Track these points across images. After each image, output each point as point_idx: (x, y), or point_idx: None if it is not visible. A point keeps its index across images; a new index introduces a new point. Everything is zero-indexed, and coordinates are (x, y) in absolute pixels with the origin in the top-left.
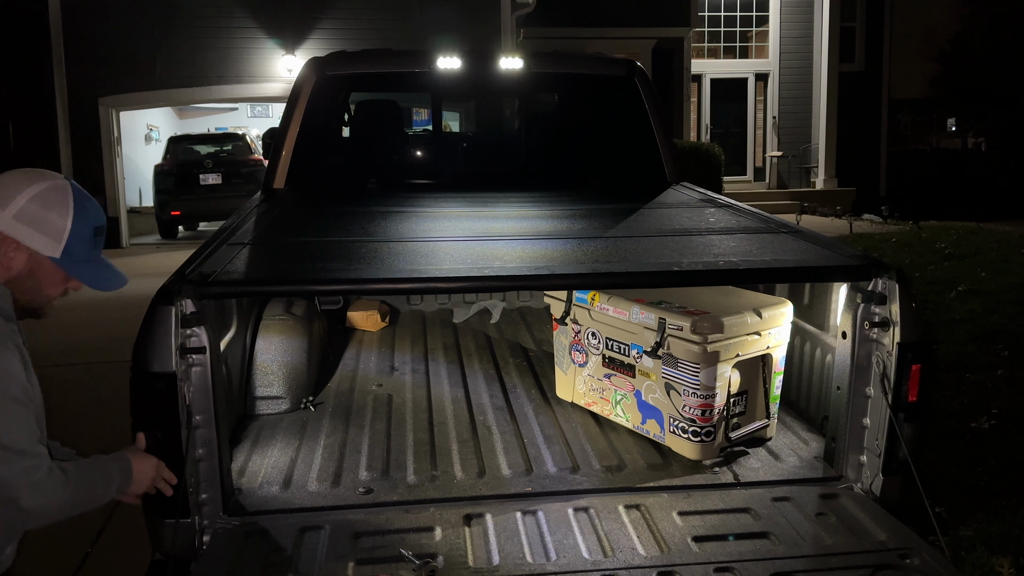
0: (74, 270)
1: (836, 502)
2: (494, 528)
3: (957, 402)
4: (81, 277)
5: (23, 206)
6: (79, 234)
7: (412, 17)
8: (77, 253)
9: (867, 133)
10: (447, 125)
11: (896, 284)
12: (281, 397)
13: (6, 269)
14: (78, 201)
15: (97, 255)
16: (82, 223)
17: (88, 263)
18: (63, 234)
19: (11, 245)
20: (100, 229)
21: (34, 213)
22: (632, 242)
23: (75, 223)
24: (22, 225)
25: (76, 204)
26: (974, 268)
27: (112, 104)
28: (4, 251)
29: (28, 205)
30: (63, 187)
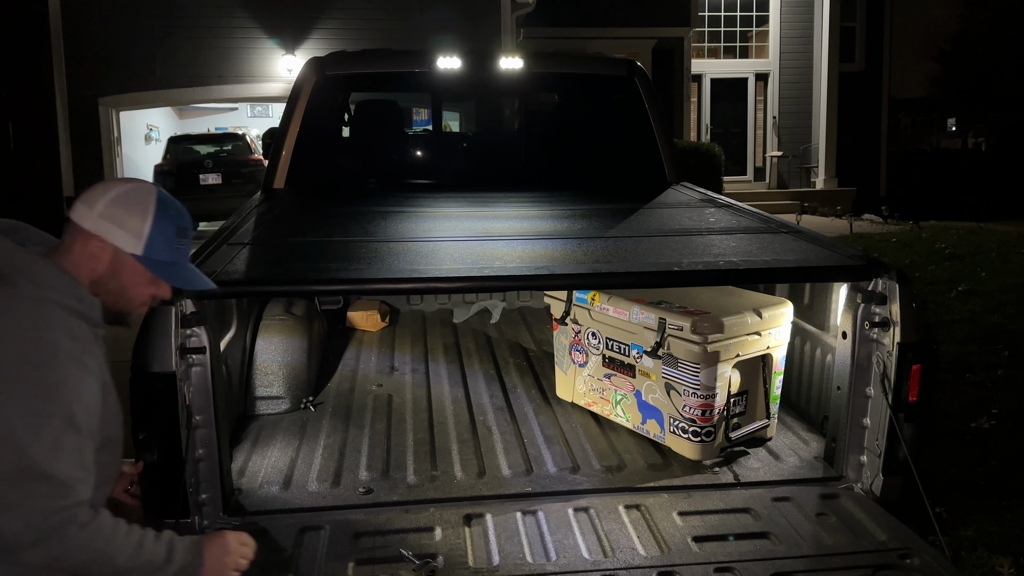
0: (157, 269)
1: (836, 502)
2: (494, 528)
3: (957, 402)
4: (164, 276)
5: (108, 205)
6: (161, 232)
7: (412, 17)
8: (160, 252)
9: (867, 133)
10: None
11: (896, 284)
12: (281, 397)
13: (92, 268)
14: (162, 202)
15: (182, 257)
16: (164, 222)
17: (172, 264)
18: (144, 232)
19: (96, 243)
20: (184, 230)
21: (117, 211)
22: (632, 242)
23: (156, 221)
24: (106, 222)
25: (159, 204)
26: (974, 268)
27: (112, 104)
28: (90, 250)
29: (112, 204)
30: (148, 189)
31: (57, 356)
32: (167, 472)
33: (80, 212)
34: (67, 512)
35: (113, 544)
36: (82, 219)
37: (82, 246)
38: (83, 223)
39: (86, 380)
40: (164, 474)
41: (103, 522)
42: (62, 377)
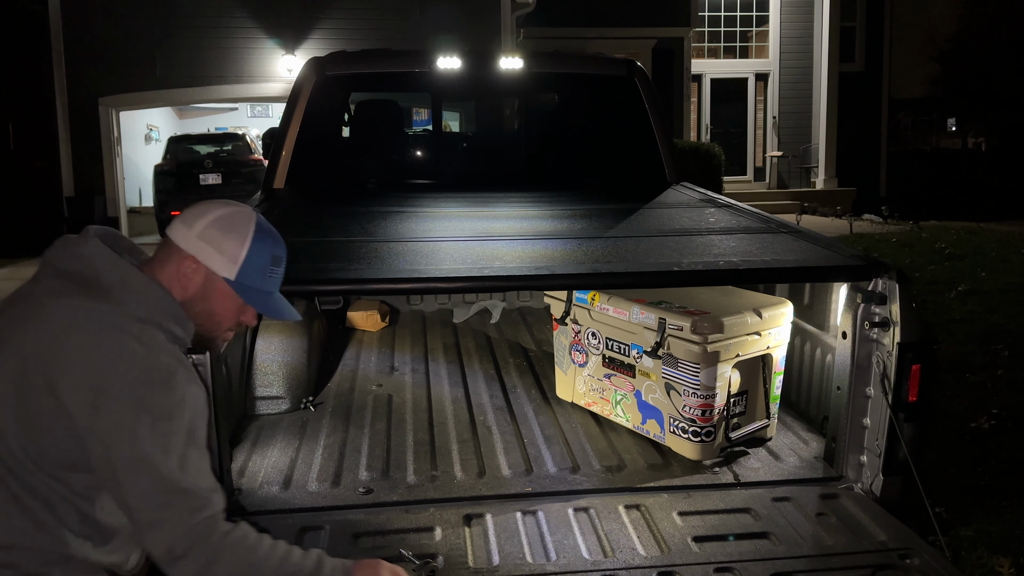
0: (247, 295)
1: (836, 502)
2: (494, 528)
3: (957, 402)
4: (253, 302)
5: (206, 226)
6: (256, 260)
7: (412, 17)
8: (252, 279)
9: (867, 133)
10: (447, 125)
11: (896, 284)
12: (281, 397)
13: (183, 288)
14: (260, 229)
15: (273, 287)
16: (260, 250)
17: (261, 292)
18: (239, 257)
19: (191, 264)
20: (278, 259)
21: (215, 234)
22: (632, 242)
23: (252, 248)
24: (204, 244)
25: (257, 231)
26: (974, 268)
27: (112, 104)
28: (183, 269)
29: (211, 226)
30: (248, 215)
31: (176, 376)
32: None
33: (178, 231)
34: (207, 521)
35: (258, 554)
36: (180, 238)
37: (176, 265)
38: (180, 242)
39: (200, 397)
40: None
41: (245, 532)
42: (182, 396)
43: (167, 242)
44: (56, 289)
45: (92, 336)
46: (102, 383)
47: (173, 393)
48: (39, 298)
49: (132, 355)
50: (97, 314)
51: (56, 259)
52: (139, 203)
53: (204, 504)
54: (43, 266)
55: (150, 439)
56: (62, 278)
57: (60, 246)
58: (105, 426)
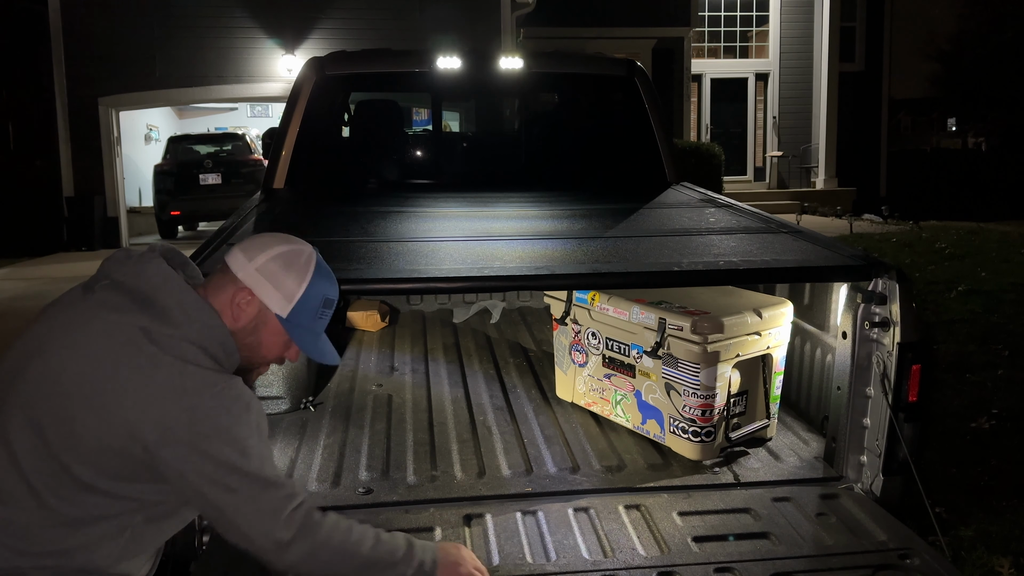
0: (296, 334)
1: (836, 502)
2: (494, 528)
3: (957, 402)
4: (300, 342)
5: (267, 261)
6: (309, 300)
7: (412, 17)
8: (303, 319)
9: (867, 133)
10: (447, 125)
11: (896, 284)
12: (281, 397)
13: (235, 319)
14: (319, 270)
15: (321, 329)
16: (315, 291)
17: (310, 332)
18: (296, 296)
19: (246, 296)
20: (330, 303)
21: (275, 270)
22: (632, 242)
23: (309, 289)
24: (261, 278)
25: (316, 272)
26: (974, 268)
27: (112, 104)
28: (238, 300)
29: (272, 261)
30: (309, 254)
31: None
32: None
33: (237, 261)
34: (304, 507)
35: (354, 534)
36: (238, 268)
37: (231, 295)
38: (239, 273)
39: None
40: None
41: (336, 517)
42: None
43: (224, 269)
44: (113, 303)
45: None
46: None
47: (240, 396)
48: (94, 310)
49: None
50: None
51: (116, 272)
52: (139, 203)
53: (294, 492)
54: (100, 276)
55: (223, 443)
56: (120, 292)
57: (122, 259)
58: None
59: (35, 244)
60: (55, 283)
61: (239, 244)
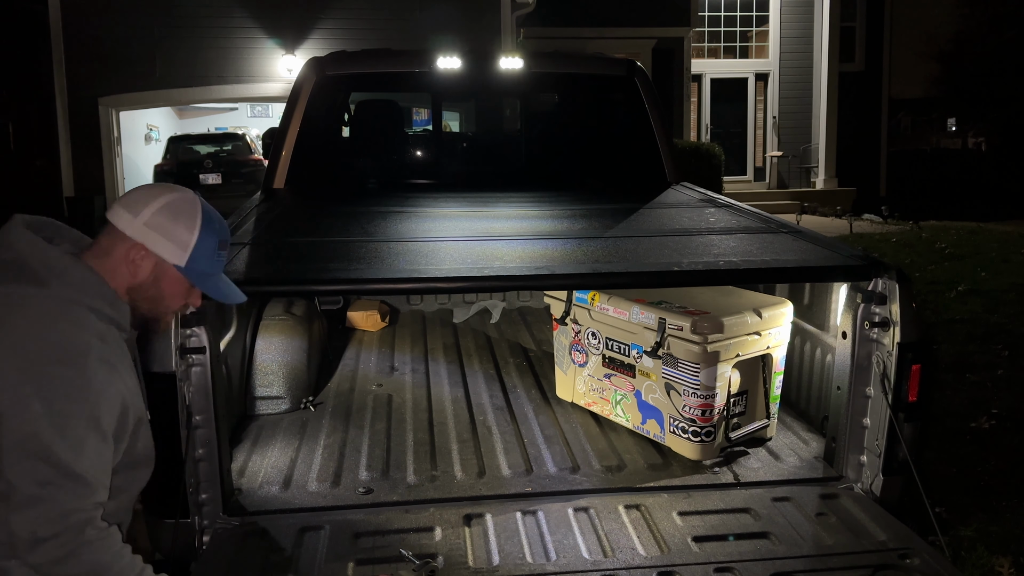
0: (197, 280)
1: (836, 502)
2: (494, 528)
3: (957, 402)
4: (204, 287)
5: (153, 214)
6: (204, 246)
7: (412, 17)
8: (201, 265)
9: (867, 133)
10: (447, 125)
11: (896, 284)
12: (281, 397)
13: (132, 275)
14: (206, 214)
15: (219, 269)
16: (208, 235)
17: (210, 276)
18: (189, 244)
19: (139, 251)
20: (224, 243)
21: (163, 222)
22: (632, 242)
23: (201, 234)
24: (151, 232)
25: (204, 217)
26: (974, 268)
27: (112, 104)
28: (132, 257)
29: (158, 214)
30: (192, 200)
31: (87, 357)
32: (167, 472)
33: (122, 218)
34: (87, 512)
35: (119, 564)
36: (125, 226)
37: (123, 253)
38: (126, 230)
39: (114, 383)
40: (164, 474)
41: (116, 537)
42: (90, 378)
43: (110, 228)
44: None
45: (12, 319)
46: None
47: (79, 375)
48: None
49: (44, 332)
50: (22, 299)
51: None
52: None
53: (90, 493)
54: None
55: (47, 417)
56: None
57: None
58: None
59: None
60: None
61: (120, 200)
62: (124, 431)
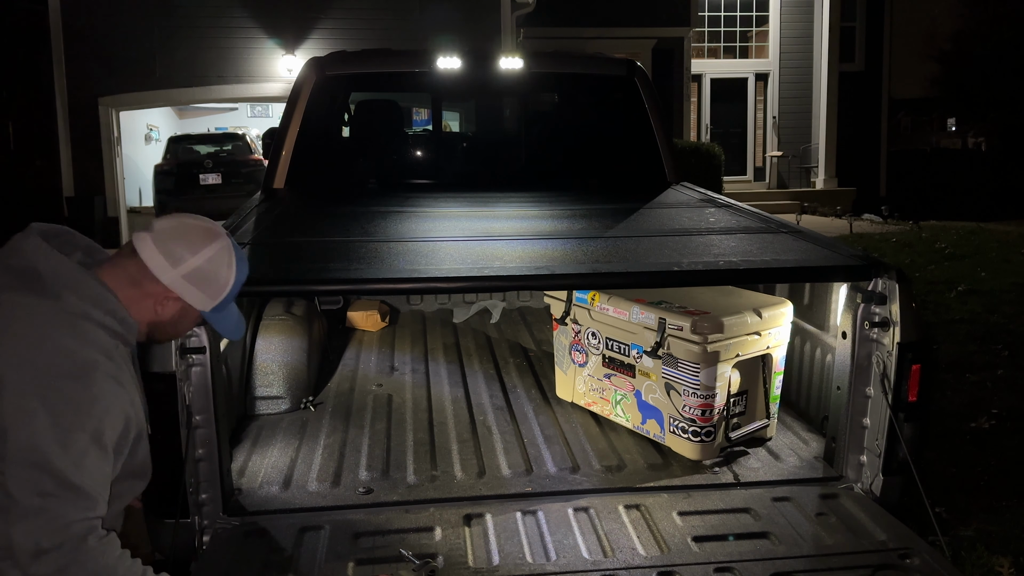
0: (214, 320)
1: (836, 502)
2: (494, 528)
3: (957, 402)
4: (217, 326)
5: (193, 269)
6: (232, 293)
7: (412, 17)
8: (222, 306)
9: (867, 133)
10: (447, 125)
11: (896, 284)
12: (281, 397)
13: (156, 314)
14: (239, 262)
15: (232, 304)
16: (237, 284)
17: (225, 313)
18: (220, 296)
19: (170, 298)
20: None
21: (202, 275)
22: (632, 242)
23: (233, 285)
24: (188, 285)
25: (238, 266)
26: (974, 268)
27: (112, 104)
28: (161, 301)
29: (199, 269)
30: (229, 248)
31: (95, 373)
32: (167, 472)
33: (158, 263)
34: (88, 523)
35: (121, 567)
36: (161, 272)
37: (153, 293)
38: (161, 277)
39: (120, 399)
40: (164, 474)
41: (115, 543)
42: (96, 393)
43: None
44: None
45: (21, 329)
46: (11, 370)
47: (85, 389)
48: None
49: (53, 345)
50: (33, 309)
51: (5, 255)
52: (139, 203)
53: (91, 506)
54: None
55: (51, 430)
56: (5, 273)
57: (12, 241)
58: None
59: None
60: None
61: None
62: (124, 445)
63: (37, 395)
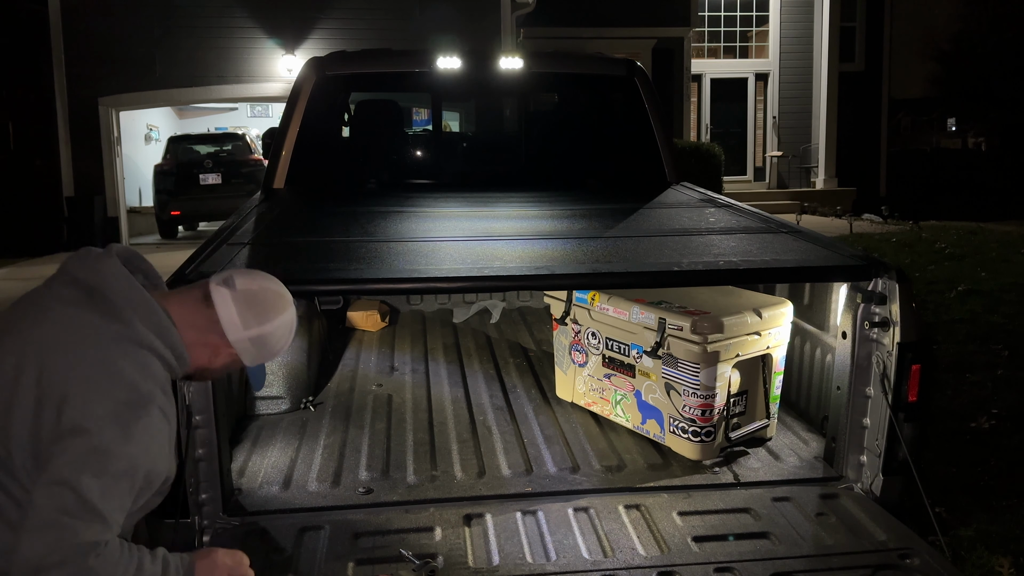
0: (252, 372)
1: (836, 502)
2: (494, 528)
3: (957, 402)
4: (253, 379)
5: (263, 335)
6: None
7: (412, 17)
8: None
9: (867, 133)
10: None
11: (896, 284)
12: (281, 397)
13: (210, 362)
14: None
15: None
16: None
17: (261, 367)
18: (271, 357)
19: (230, 353)
20: None
21: (264, 340)
22: (632, 242)
23: (283, 350)
24: (252, 347)
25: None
26: (974, 268)
27: (112, 104)
28: (220, 353)
29: (266, 334)
30: (294, 318)
31: (151, 406)
32: None
33: (231, 322)
34: (96, 544)
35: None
36: (231, 331)
37: (216, 344)
38: (230, 335)
39: (163, 435)
40: None
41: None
42: (146, 426)
43: (210, 310)
44: (67, 297)
45: (87, 350)
46: (75, 388)
47: (139, 421)
48: (48, 302)
49: (116, 373)
50: (100, 330)
51: (74, 268)
52: (139, 203)
53: (104, 530)
54: (60, 272)
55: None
56: (76, 287)
57: (82, 255)
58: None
59: (35, 244)
60: None
61: (237, 304)
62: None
63: (93, 418)
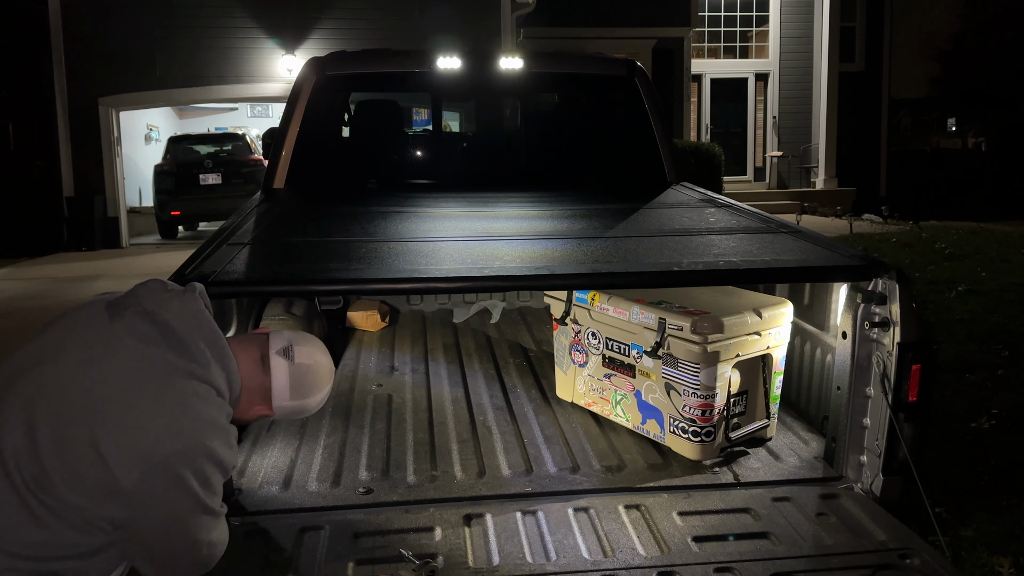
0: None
1: (836, 502)
2: (494, 528)
3: (957, 402)
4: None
5: (305, 406)
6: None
7: (412, 17)
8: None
9: (867, 133)
10: (447, 125)
11: (896, 284)
12: None
13: (244, 415)
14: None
15: None
16: None
17: None
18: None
19: (265, 412)
20: None
21: (303, 410)
22: (632, 242)
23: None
24: (288, 412)
25: None
26: (974, 268)
27: (112, 104)
28: (259, 411)
29: (304, 406)
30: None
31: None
32: None
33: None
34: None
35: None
36: (280, 399)
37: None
38: (277, 401)
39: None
40: None
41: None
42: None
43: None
44: (142, 333)
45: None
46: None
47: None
48: (120, 334)
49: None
50: (175, 369)
51: (150, 302)
52: (139, 203)
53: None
54: (131, 302)
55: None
56: (151, 323)
57: (158, 290)
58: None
59: (35, 244)
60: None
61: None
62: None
63: (189, 466)
